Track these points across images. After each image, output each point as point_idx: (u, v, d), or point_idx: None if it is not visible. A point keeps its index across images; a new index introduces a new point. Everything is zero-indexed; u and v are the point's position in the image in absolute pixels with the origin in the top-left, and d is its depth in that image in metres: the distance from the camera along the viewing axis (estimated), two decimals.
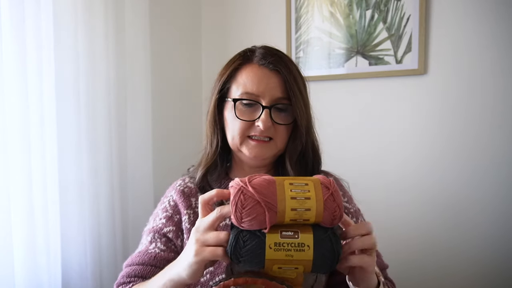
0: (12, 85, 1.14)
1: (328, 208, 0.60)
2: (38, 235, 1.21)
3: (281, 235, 0.59)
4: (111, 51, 1.45)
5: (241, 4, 1.90)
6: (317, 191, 0.60)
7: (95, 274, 1.39)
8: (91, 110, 1.38)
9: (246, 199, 0.58)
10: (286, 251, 0.59)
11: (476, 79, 1.44)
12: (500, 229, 1.43)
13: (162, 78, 1.76)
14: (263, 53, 0.88)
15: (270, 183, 0.60)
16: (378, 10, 1.57)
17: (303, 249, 0.59)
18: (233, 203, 0.59)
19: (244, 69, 0.87)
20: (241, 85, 0.86)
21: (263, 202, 0.58)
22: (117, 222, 1.48)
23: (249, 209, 0.58)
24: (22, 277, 1.16)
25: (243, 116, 0.86)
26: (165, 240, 0.90)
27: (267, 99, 0.85)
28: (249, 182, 0.60)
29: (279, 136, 0.87)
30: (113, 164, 1.46)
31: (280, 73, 0.85)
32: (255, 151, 0.86)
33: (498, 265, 1.43)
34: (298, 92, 0.86)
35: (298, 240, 0.59)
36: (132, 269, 0.87)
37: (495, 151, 1.43)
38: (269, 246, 0.58)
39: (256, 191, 0.59)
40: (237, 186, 0.60)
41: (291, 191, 0.60)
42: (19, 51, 1.15)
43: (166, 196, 0.97)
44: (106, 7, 1.42)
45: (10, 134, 1.15)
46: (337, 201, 0.61)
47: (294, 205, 0.59)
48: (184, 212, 0.91)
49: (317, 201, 0.59)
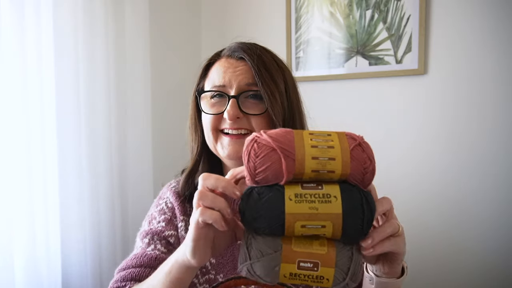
0: (13, 86, 1.14)
1: (356, 158, 0.52)
2: (38, 235, 1.20)
3: (302, 186, 0.51)
4: (111, 52, 1.45)
5: (241, 4, 1.90)
6: (342, 141, 0.53)
7: (95, 274, 1.38)
8: (91, 110, 1.38)
9: (260, 147, 0.52)
10: (309, 203, 0.50)
11: (475, 79, 1.44)
12: (501, 228, 1.43)
13: (162, 78, 1.76)
14: (232, 46, 0.85)
15: (287, 132, 0.53)
16: (378, 10, 1.57)
17: (329, 200, 0.50)
18: (245, 153, 0.52)
19: (214, 64, 0.85)
20: (210, 80, 0.83)
21: (279, 149, 0.51)
22: (117, 221, 1.48)
23: (263, 156, 0.51)
24: (22, 277, 1.16)
25: (211, 110, 0.81)
26: (165, 243, 0.83)
27: (234, 88, 0.79)
28: (264, 132, 0.54)
29: (255, 128, 0.79)
30: (113, 164, 1.46)
31: (246, 59, 0.80)
32: (230, 148, 0.79)
33: (499, 264, 1.43)
34: (268, 77, 0.79)
35: (322, 191, 0.51)
36: (128, 272, 0.79)
37: (495, 151, 1.43)
38: (289, 197, 0.50)
39: (271, 138, 0.52)
40: (251, 137, 0.53)
41: (311, 140, 0.52)
42: (20, 52, 1.15)
43: (162, 198, 0.92)
44: (106, 8, 1.42)
45: (10, 134, 1.14)
46: (367, 152, 0.52)
47: (315, 153, 0.51)
48: (180, 218, 0.86)
49: (343, 150, 0.51)
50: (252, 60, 0.79)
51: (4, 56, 1.12)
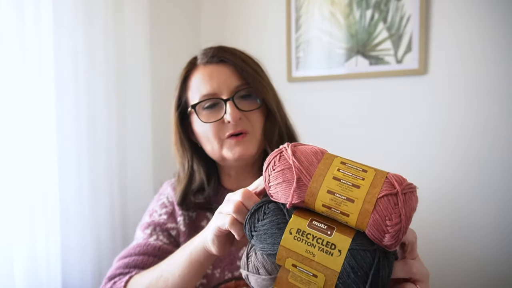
0: (12, 86, 1.14)
1: (381, 210, 0.42)
2: (38, 234, 1.20)
3: (311, 223, 0.45)
4: (111, 51, 1.45)
5: (241, 4, 1.90)
6: (375, 183, 0.44)
7: (95, 274, 1.38)
8: (91, 110, 1.38)
9: (280, 160, 0.48)
10: (308, 245, 0.44)
11: (476, 79, 1.44)
12: (500, 227, 1.43)
13: (162, 77, 1.76)
14: (204, 52, 0.85)
15: (316, 153, 0.48)
16: (378, 10, 1.57)
17: (331, 251, 0.43)
18: (266, 162, 0.50)
19: (192, 75, 0.85)
20: (195, 91, 0.83)
21: (296, 169, 0.46)
22: (117, 221, 1.48)
23: (279, 171, 0.47)
24: (22, 277, 1.16)
25: (210, 119, 0.81)
26: (167, 235, 0.85)
27: (226, 92, 0.80)
28: (293, 146, 0.50)
29: (255, 124, 0.82)
30: (113, 163, 1.46)
31: (227, 61, 0.82)
32: (237, 150, 0.80)
33: (499, 264, 1.43)
34: (253, 73, 0.82)
35: (329, 238, 0.44)
36: (131, 259, 0.79)
37: (495, 150, 1.43)
38: (290, 230, 0.45)
39: (294, 155, 0.47)
40: (281, 147, 0.51)
41: (338, 170, 0.45)
42: (19, 51, 1.15)
43: (163, 193, 0.94)
44: (106, 8, 1.42)
45: (10, 134, 1.14)
46: (401, 207, 0.42)
47: (334, 188, 0.44)
48: (179, 213, 0.87)
49: (369, 194, 0.43)
50: (235, 61, 0.81)
51: (4, 56, 1.12)
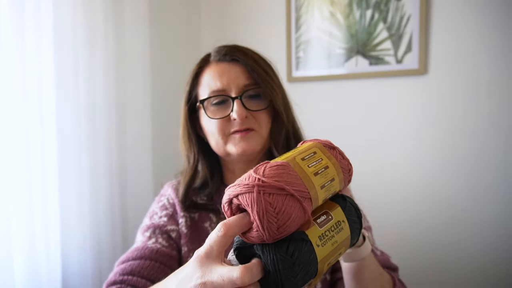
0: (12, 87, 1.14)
1: (343, 168, 0.51)
2: (37, 234, 1.20)
3: (318, 224, 0.45)
4: (111, 52, 1.44)
5: (241, 5, 1.90)
6: (327, 155, 0.50)
7: (95, 273, 1.38)
8: (91, 110, 1.38)
9: (275, 199, 0.41)
10: (330, 239, 0.45)
11: (475, 79, 1.44)
12: (500, 227, 1.43)
13: (161, 78, 1.76)
14: (217, 50, 0.87)
15: (286, 167, 0.44)
16: (378, 10, 1.57)
17: (341, 227, 0.47)
18: (258, 214, 0.40)
19: (204, 71, 0.86)
20: (205, 87, 0.84)
21: (297, 193, 0.42)
22: (117, 221, 1.48)
23: (285, 209, 0.41)
24: (22, 276, 1.16)
25: (217, 115, 0.82)
26: (166, 237, 0.85)
27: (235, 90, 0.81)
28: (263, 176, 0.42)
29: (261, 124, 0.83)
30: (113, 164, 1.46)
31: (239, 61, 0.83)
32: (241, 145, 0.82)
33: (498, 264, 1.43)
34: (264, 74, 0.83)
35: (333, 221, 0.47)
36: (128, 264, 0.79)
37: (494, 150, 1.43)
38: (316, 244, 0.43)
39: (282, 181, 0.42)
40: (250, 187, 0.41)
41: (309, 167, 0.46)
42: (19, 53, 1.15)
43: (163, 194, 0.94)
44: (106, 8, 1.42)
45: (10, 134, 1.14)
46: (345, 156, 0.52)
47: (321, 181, 0.46)
48: (181, 214, 0.88)
49: (335, 167, 0.49)
50: (246, 61, 0.82)
51: (4, 56, 1.12)
